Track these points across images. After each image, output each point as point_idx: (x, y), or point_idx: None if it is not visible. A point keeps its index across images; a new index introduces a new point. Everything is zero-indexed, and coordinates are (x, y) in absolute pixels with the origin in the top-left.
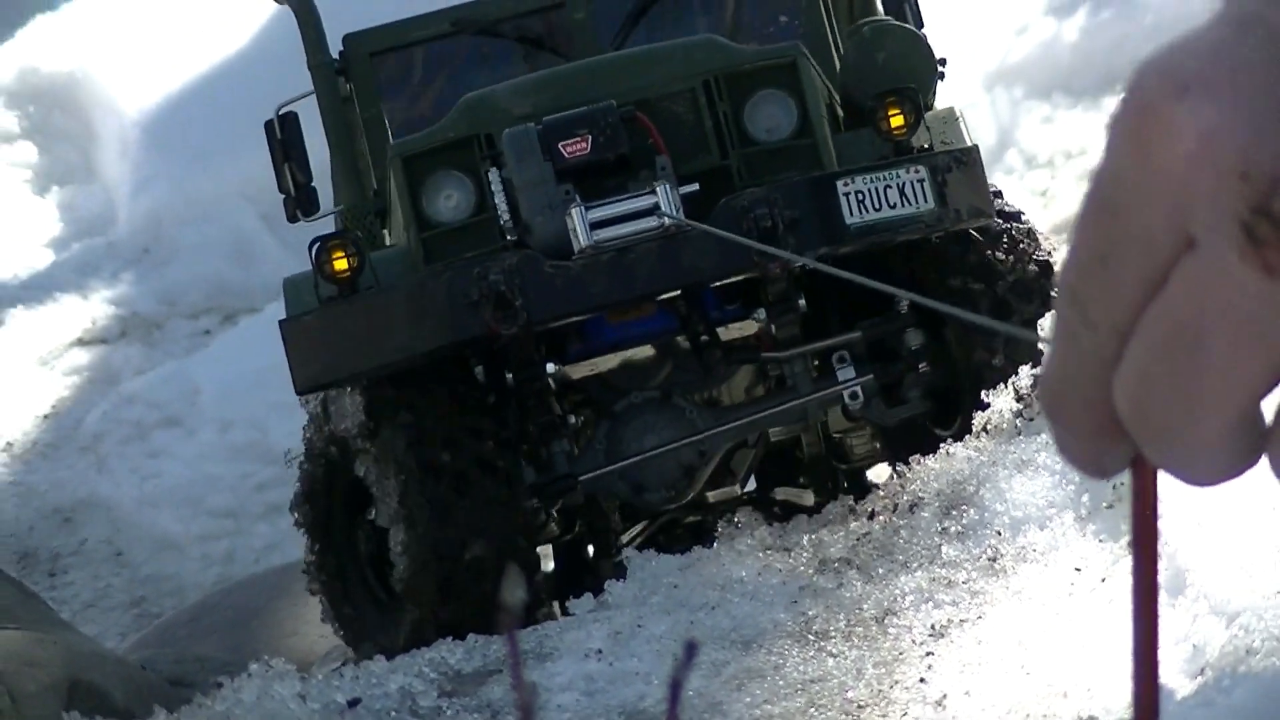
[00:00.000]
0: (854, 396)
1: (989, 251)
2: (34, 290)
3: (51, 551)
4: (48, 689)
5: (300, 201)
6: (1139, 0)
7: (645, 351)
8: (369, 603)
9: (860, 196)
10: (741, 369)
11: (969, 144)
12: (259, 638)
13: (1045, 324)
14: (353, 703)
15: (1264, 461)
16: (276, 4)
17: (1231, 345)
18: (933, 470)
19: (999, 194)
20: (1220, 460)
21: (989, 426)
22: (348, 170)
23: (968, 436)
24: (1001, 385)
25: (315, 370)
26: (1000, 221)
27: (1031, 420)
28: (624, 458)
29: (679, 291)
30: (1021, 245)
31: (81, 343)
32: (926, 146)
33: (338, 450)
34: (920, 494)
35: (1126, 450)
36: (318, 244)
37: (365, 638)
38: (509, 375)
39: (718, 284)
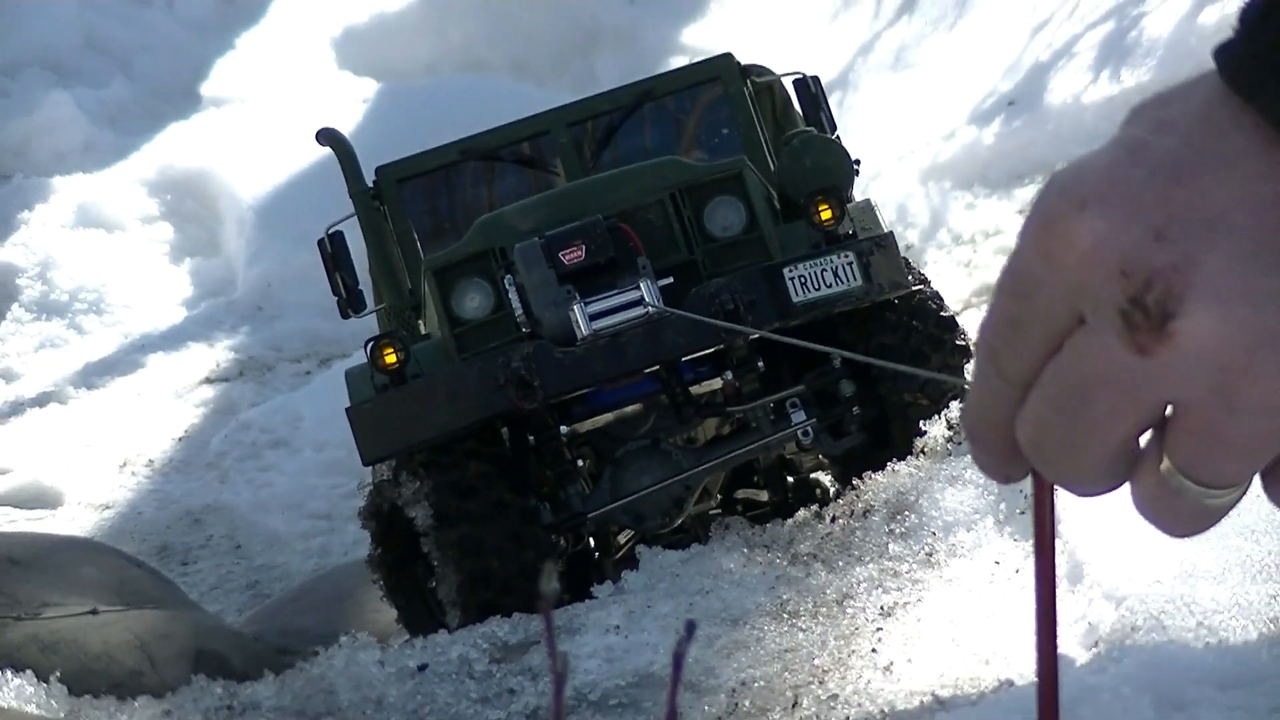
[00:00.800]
0: (805, 434)
1: (904, 315)
2: (170, 340)
3: (184, 546)
4: (179, 656)
5: (350, 302)
6: (1042, 112)
7: (635, 407)
8: (420, 604)
9: (803, 279)
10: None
11: (885, 230)
12: (348, 615)
13: (969, 368)
14: (421, 667)
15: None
16: (319, 144)
17: (1107, 405)
18: (881, 484)
19: (914, 268)
20: (1095, 484)
21: (925, 449)
22: (386, 275)
23: (909, 456)
24: (933, 417)
25: (377, 447)
26: (916, 289)
27: (960, 444)
28: (626, 495)
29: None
30: (929, 305)
31: (208, 381)
32: (850, 233)
33: (389, 502)
34: (871, 502)
35: (1026, 465)
36: (371, 343)
37: (418, 630)
38: (530, 436)
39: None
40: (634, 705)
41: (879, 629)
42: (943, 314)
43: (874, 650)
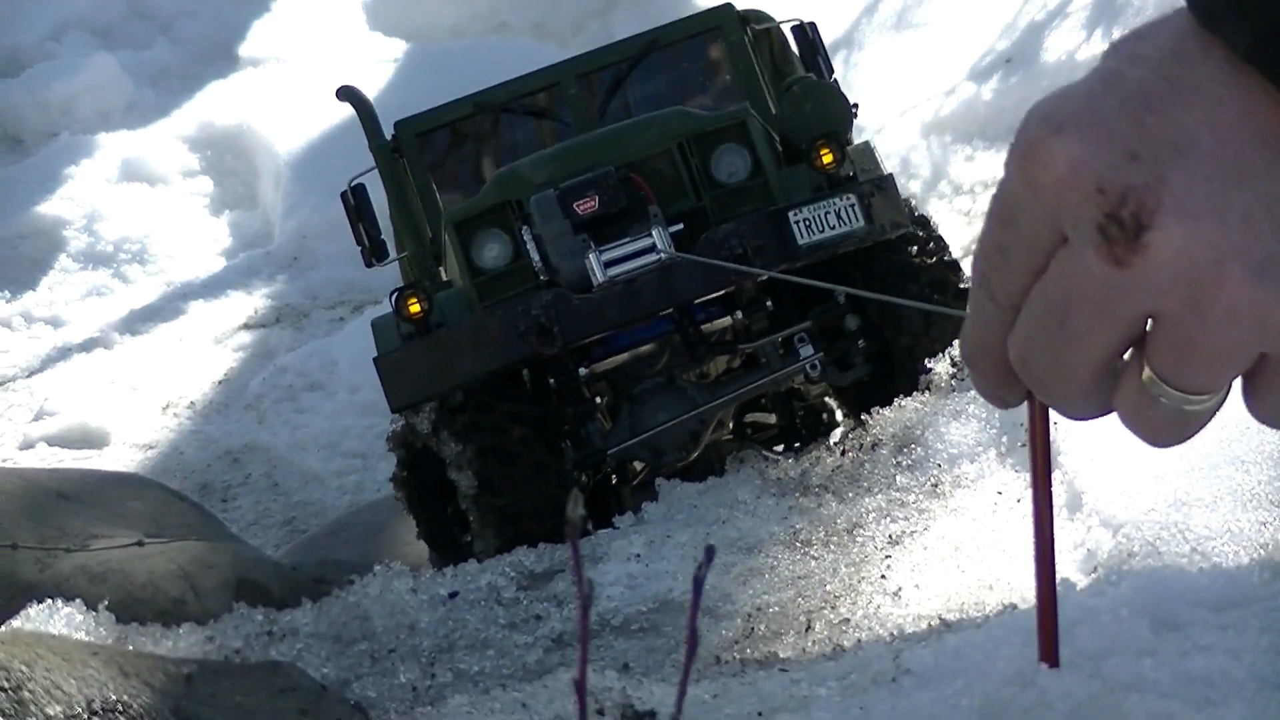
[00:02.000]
0: (814, 367)
1: (909, 258)
2: (211, 288)
3: (224, 484)
4: (222, 585)
5: (373, 250)
6: (1038, 69)
7: (649, 346)
8: (442, 523)
9: (807, 222)
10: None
11: (884, 172)
12: (381, 547)
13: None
14: (452, 594)
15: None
16: (338, 100)
17: (1088, 319)
18: (889, 418)
19: (913, 208)
20: (1084, 403)
21: (930, 385)
22: (407, 226)
23: (915, 392)
24: (937, 354)
25: (404, 394)
26: (917, 230)
27: (963, 380)
28: (644, 431)
29: None
30: (931, 247)
31: (247, 327)
32: (851, 175)
33: (421, 440)
34: (879, 436)
35: (1022, 390)
36: (396, 293)
37: (436, 544)
38: (550, 379)
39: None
40: (655, 629)
41: (887, 556)
42: (946, 257)
43: (883, 577)
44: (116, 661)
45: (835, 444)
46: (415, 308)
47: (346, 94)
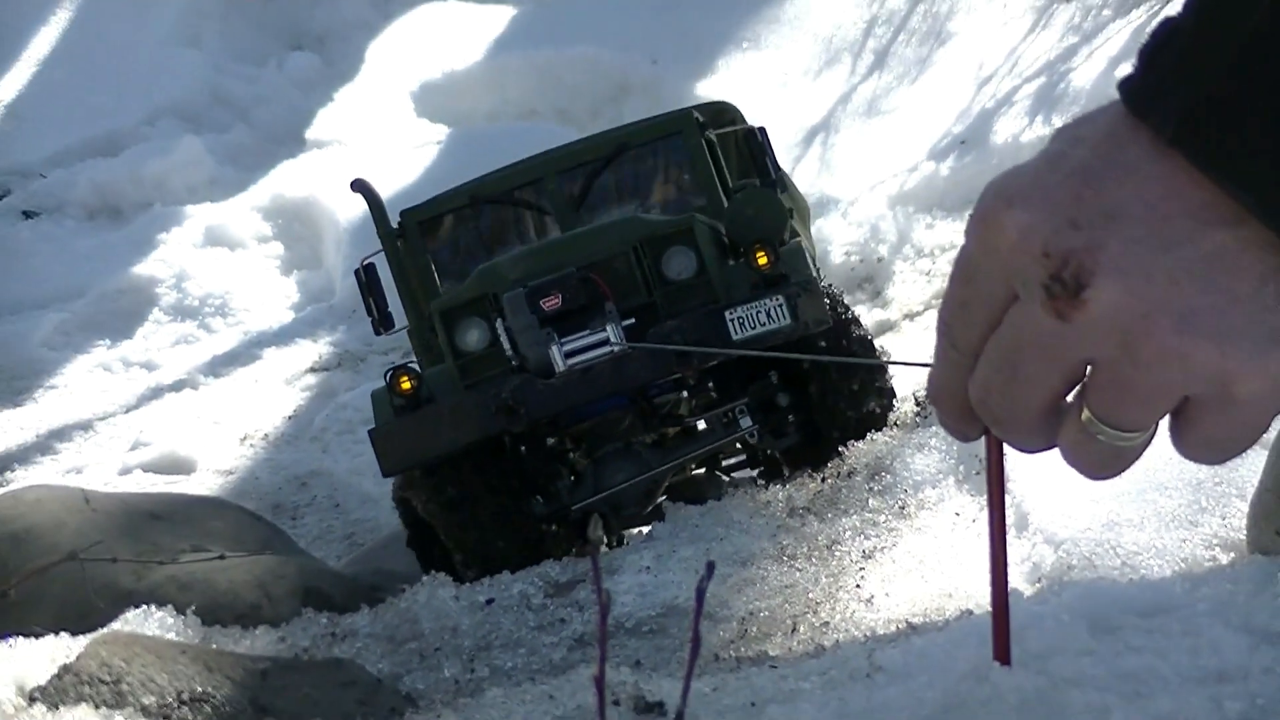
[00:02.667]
0: (751, 435)
1: (830, 339)
2: (281, 337)
3: (293, 505)
4: (291, 593)
5: (381, 321)
6: (988, 149)
7: (612, 416)
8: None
9: (741, 319)
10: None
11: (812, 273)
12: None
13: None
14: (489, 601)
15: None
16: (352, 191)
17: (1036, 364)
18: (862, 449)
19: (834, 297)
20: (1033, 438)
21: (898, 422)
22: (410, 302)
23: (885, 427)
24: (859, 425)
25: (394, 461)
26: (837, 310)
27: (927, 417)
28: (605, 489)
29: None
30: (851, 327)
31: (312, 370)
32: (784, 274)
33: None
34: (854, 465)
35: (980, 426)
36: (390, 372)
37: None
38: (522, 447)
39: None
40: (662, 631)
41: (861, 569)
42: (861, 333)
43: (858, 586)
44: (202, 659)
45: (814, 473)
46: (406, 384)
47: (359, 186)
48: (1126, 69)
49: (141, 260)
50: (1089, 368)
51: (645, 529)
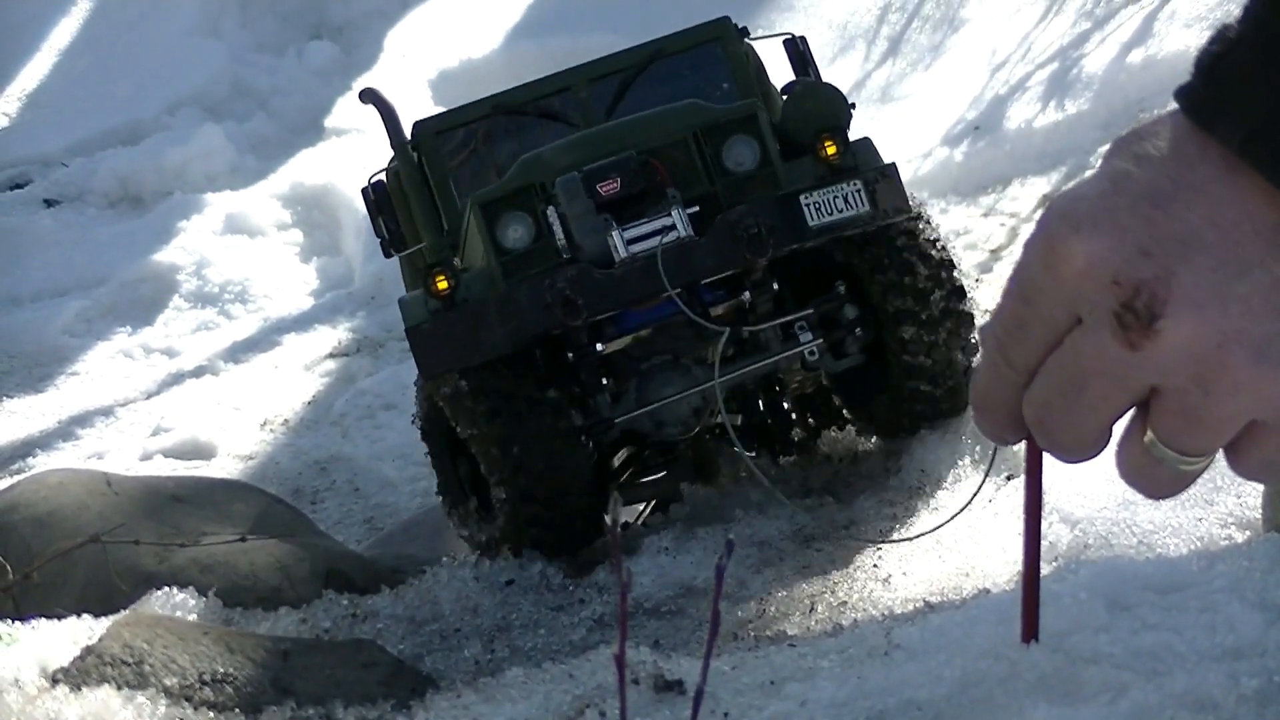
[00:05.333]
0: (811, 354)
1: (907, 253)
2: (301, 323)
3: (313, 489)
4: (312, 575)
5: (392, 242)
6: (1001, 135)
7: (648, 331)
8: (468, 509)
9: (816, 205)
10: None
11: (886, 163)
12: (448, 542)
13: (963, 305)
14: (509, 582)
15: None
16: (362, 102)
17: (1102, 390)
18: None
19: (917, 201)
20: (1087, 454)
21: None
22: (427, 218)
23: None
24: (933, 355)
25: (435, 363)
26: (919, 219)
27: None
28: (650, 403)
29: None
30: (932, 245)
31: (332, 356)
32: (853, 165)
33: (439, 412)
34: (870, 448)
35: (1022, 433)
36: (425, 270)
37: (471, 537)
38: (569, 354)
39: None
40: (681, 612)
41: (878, 548)
42: (943, 254)
43: (875, 565)
44: (224, 640)
45: (833, 453)
46: (443, 284)
47: (370, 96)
48: (1142, 54)
49: (162, 248)
50: (1154, 391)
51: (662, 513)
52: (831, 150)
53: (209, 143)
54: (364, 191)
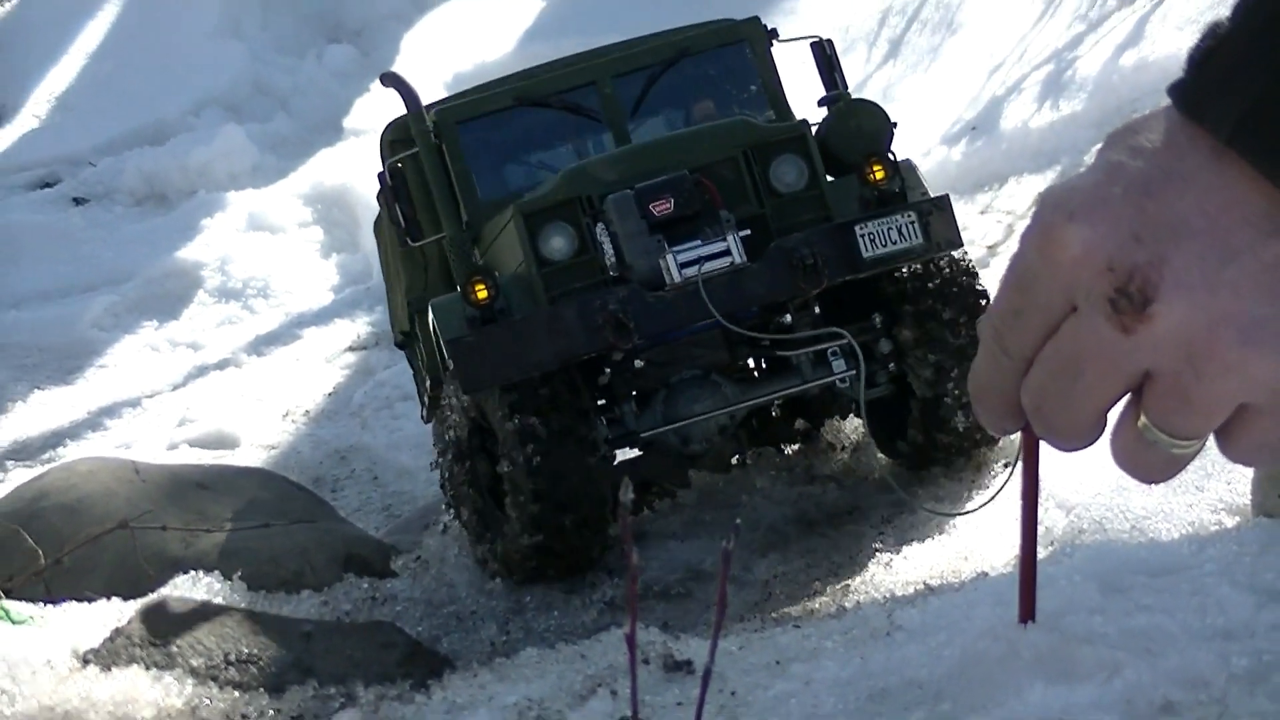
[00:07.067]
0: (843, 381)
1: (945, 285)
2: (321, 317)
3: (333, 477)
4: (333, 559)
5: (410, 230)
6: (997, 134)
7: (696, 339)
8: (481, 518)
9: (871, 236)
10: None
11: (930, 192)
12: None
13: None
14: None
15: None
16: (383, 85)
17: (1097, 374)
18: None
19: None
20: (1083, 440)
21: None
22: (447, 206)
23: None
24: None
25: (478, 377)
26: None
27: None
28: (678, 419)
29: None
30: (967, 279)
31: (351, 349)
32: (898, 190)
33: (475, 415)
34: (869, 437)
35: (1020, 421)
36: (465, 278)
37: (480, 541)
38: (606, 369)
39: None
40: (689, 595)
41: (880, 533)
42: (977, 284)
43: (876, 549)
44: (248, 622)
45: (837, 443)
46: (483, 292)
47: (391, 80)
48: (1134, 56)
49: (187, 245)
50: (1147, 376)
51: (672, 498)
52: (880, 174)
53: (231, 142)
54: (380, 177)
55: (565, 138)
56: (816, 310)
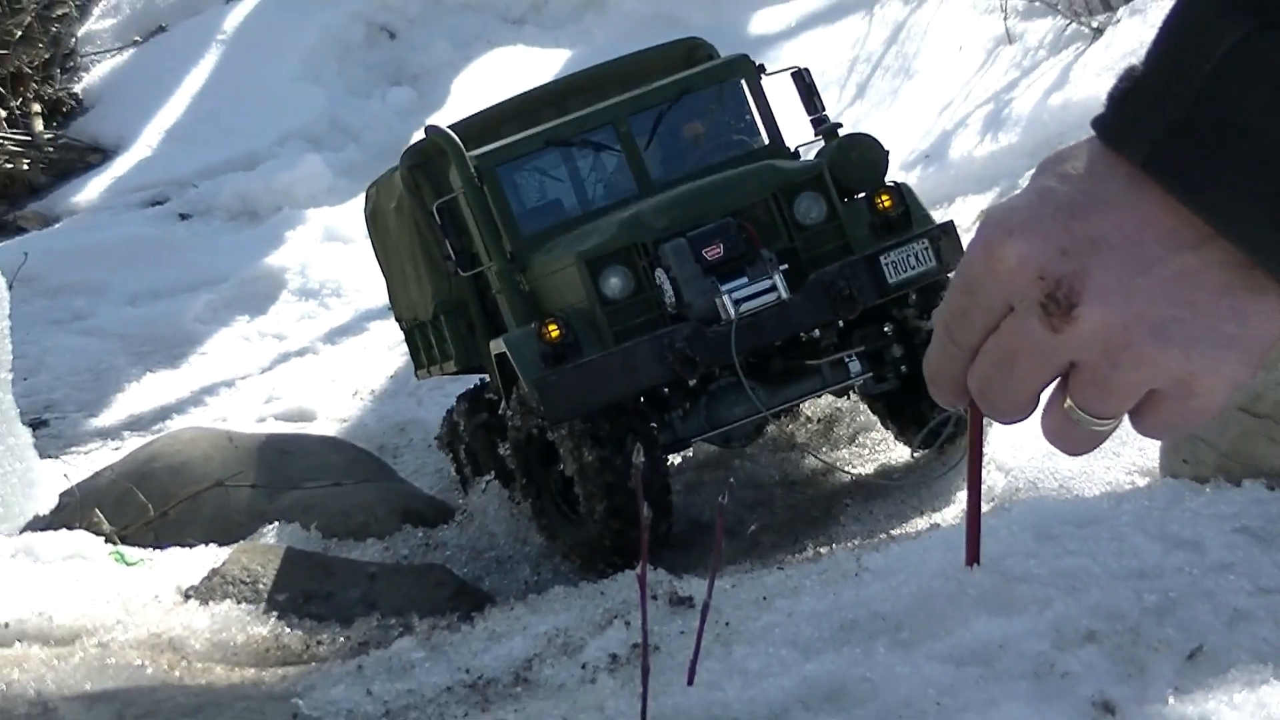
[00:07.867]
0: (860, 383)
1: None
2: (385, 312)
3: (394, 445)
4: (394, 512)
5: (461, 262)
6: (947, 162)
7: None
8: (560, 517)
9: (894, 264)
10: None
11: (926, 212)
12: (502, 489)
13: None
14: None
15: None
16: (427, 136)
17: (1030, 365)
18: (846, 405)
19: None
20: (1016, 415)
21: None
22: (493, 240)
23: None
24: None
25: (562, 409)
26: None
27: None
28: (720, 424)
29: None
30: None
31: None
32: (903, 212)
33: (538, 427)
34: (841, 408)
35: (966, 399)
36: (539, 321)
37: (556, 538)
38: (665, 389)
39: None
40: (691, 544)
41: (850, 492)
42: None
43: (848, 504)
44: (323, 564)
45: (813, 414)
46: (555, 332)
47: (434, 130)
48: (1061, 97)
49: (273, 253)
50: (1072, 366)
51: (678, 459)
52: (888, 203)
53: (311, 168)
54: (439, 210)
55: (590, 170)
56: (840, 324)
